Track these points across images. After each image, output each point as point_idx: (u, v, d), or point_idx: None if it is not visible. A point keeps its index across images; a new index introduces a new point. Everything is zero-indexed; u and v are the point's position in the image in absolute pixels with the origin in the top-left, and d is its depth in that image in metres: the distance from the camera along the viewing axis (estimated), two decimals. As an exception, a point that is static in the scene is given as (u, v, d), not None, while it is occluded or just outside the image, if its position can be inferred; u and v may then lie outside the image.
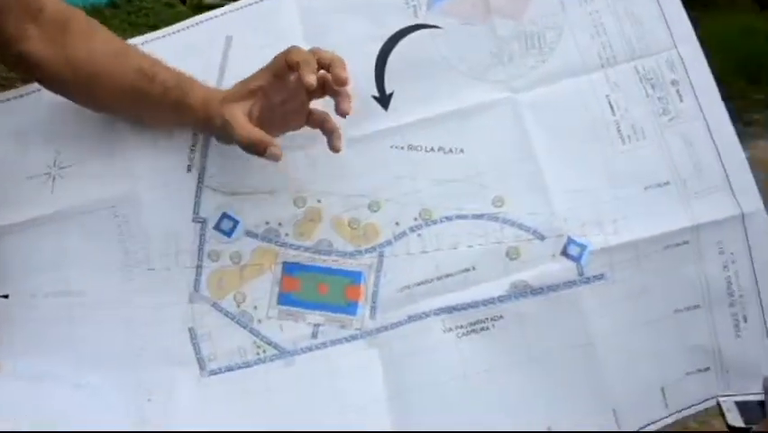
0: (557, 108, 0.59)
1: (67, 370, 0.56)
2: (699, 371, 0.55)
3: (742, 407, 0.54)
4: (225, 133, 0.54)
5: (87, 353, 0.57)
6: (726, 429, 0.55)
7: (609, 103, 0.58)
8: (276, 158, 0.52)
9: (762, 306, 0.55)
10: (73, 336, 0.57)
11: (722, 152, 0.56)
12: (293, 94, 0.55)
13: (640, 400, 0.55)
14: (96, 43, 0.57)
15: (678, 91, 0.58)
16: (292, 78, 0.53)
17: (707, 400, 0.55)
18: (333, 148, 0.56)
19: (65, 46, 0.56)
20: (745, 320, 0.55)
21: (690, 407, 0.55)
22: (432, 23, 0.61)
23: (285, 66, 0.53)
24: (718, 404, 0.55)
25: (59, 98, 0.60)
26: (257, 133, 0.53)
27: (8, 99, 0.63)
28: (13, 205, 0.59)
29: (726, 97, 0.58)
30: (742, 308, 0.55)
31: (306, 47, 0.60)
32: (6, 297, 0.57)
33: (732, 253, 0.55)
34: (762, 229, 0.55)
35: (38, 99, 0.62)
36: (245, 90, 0.55)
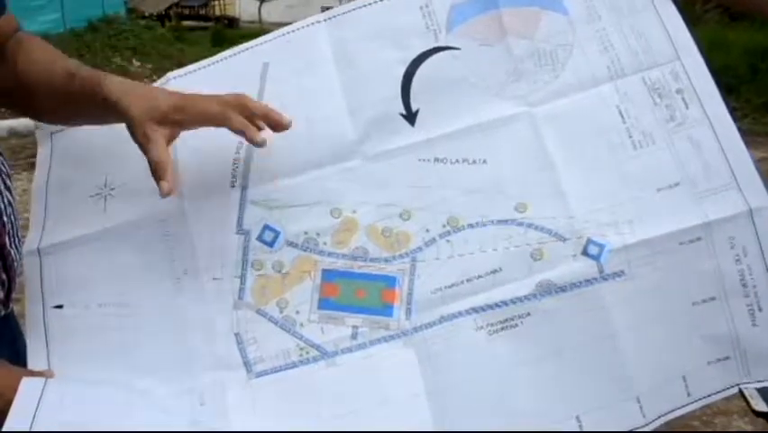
0: (571, 120, 0.63)
1: (121, 376, 0.60)
2: (720, 360, 0.58)
3: (764, 392, 0.56)
4: (134, 136, 0.57)
5: (140, 360, 0.61)
6: (734, 430, 0.57)
7: (620, 112, 0.63)
8: (164, 193, 0.55)
9: None
10: (126, 344, 0.61)
11: (728, 153, 0.60)
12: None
13: (663, 389, 0.57)
14: (35, 55, 0.64)
15: (683, 99, 0.62)
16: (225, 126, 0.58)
17: (729, 388, 0.58)
18: (256, 143, 0.58)
19: (16, 62, 0.64)
20: (760, 309, 0.58)
21: (711, 394, 0.58)
22: (451, 45, 0.66)
23: (221, 120, 0.58)
24: (741, 392, 0.58)
25: (87, 134, 0.67)
26: (165, 162, 0.55)
27: (62, 129, 0.69)
28: (70, 222, 0.64)
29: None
30: (756, 298, 0.58)
31: (336, 72, 0.66)
32: (61, 307, 0.61)
33: (743, 247, 0.58)
34: None
35: (84, 128, 0.68)
36: (178, 118, 0.58)
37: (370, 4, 0.67)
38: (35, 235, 0.64)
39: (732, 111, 0.60)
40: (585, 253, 0.59)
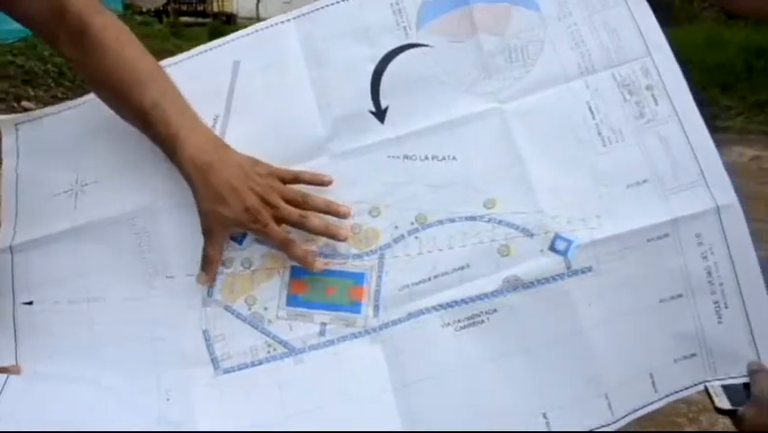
0: (541, 115, 0.63)
1: (90, 372, 0.60)
2: (686, 357, 0.58)
3: (728, 390, 0.56)
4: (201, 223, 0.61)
5: (109, 356, 0.61)
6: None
7: (590, 108, 0.63)
8: (200, 282, 0.62)
9: (741, 292, 0.57)
10: (95, 340, 0.61)
11: (696, 150, 0.60)
12: None
13: (630, 386, 0.57)
14: (104, 64, 0.61)
15: (653, 95, 0.62)
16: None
17: (695, 385, 0.58)
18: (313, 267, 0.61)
19: (83, 53, 0.61)
20: (726, 307, 0.58)
21: (678, 391, 0.58)
22: (422, 42, 0.66)
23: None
24: (706, 388, 0.58)
25: (79, 119, 0.66)
26: (216, 262, 0.61)
27: (28, 120, 0.69)
28: (40, 220, 0.64)
29: (700, 105, 0.62)
30: (722, 295, 0.58)
31: (306, 69, 0.66)
32: (31, 303, 0.61)
33: (710, 244, 0.58)
34: (736, 220, 0.58)
35: (59, 120, 0.68)
36: (241, 228, 0.61)
37: (339, 1, 0.67)
38: (7, 232, 0.64)
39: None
40: (552, 248, 0.59)
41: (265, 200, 0.60)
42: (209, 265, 0.61)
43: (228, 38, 0.68)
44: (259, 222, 0.59)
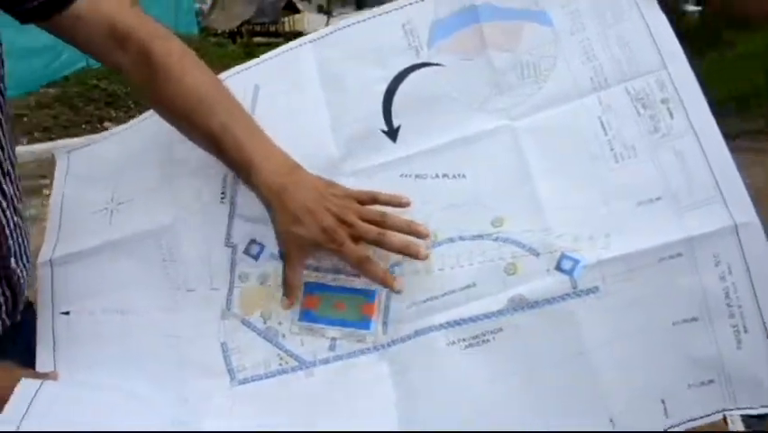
0: (553, 132, 0.62)
1: (117, 380, 0.64)
2: (703, 384, 0.55)
3: (745, 418, 0.53)
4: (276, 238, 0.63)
5: (136, 365, 0.65)
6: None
7: (602, 124, 0.61)
8: (283, 307, 0.63)
9: (762, 316, 0.54)
10: (126, 351, 0.65)
11: (713, 165, 0.57)
12: None
13: (639, 411, 0.55)
14: (167, 89, 0.62)
15: (668, 109, 0.60)
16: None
17: (712, 413, 0.55)
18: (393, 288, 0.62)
19: (147, 79, 0.63)
20: (746, 331, 0.54)
21: (693, 419, 0.55)
22: (433, 62, 0.67)
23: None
24: (724, 418, 0.55)
25: (118, 145, 0.71)
26: (297, 287, 0.63)
27: (74, 149, 0.75)
28: (80, 235, 0.70)
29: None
30: (742, 318, 0.55)
31: (321, 92, 0.68)
32: (68, 313, 0.67)
33: (728, 264, 0.55)
34: (756, 239, 0.55)
35: (102, 147, 0.74)
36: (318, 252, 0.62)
37: (354, 24, 0.69)
38: (48, 248, 0.70)
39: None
40: (558, 268, 0.58)
41: (341, 219, 0.60)
42: (290, 289, 0.62)
43: (251, 62, 0.72)
44: (335, 241, 0.60)
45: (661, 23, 0.62)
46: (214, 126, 0.61)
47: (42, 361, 0.65)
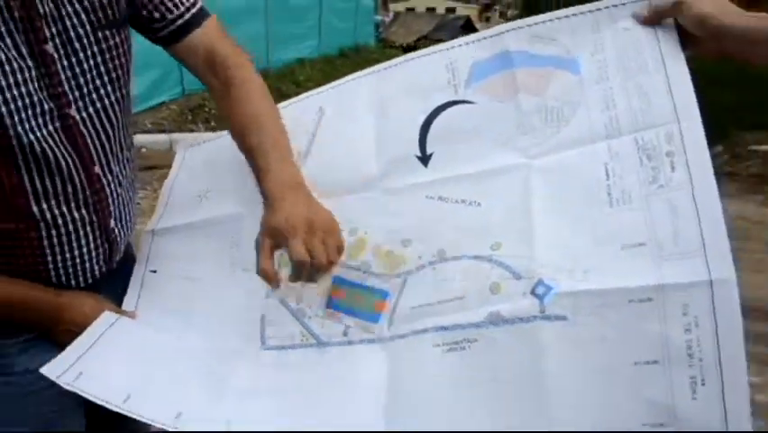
0: (560, 173, 0.68)
1: (178, 330, 0.80)
2: (654, 425, 0.57)
3: None
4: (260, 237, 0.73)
5: (194, 321, 0.81)
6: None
7: (606, 170, 0.65)
8: (271, 286, 0.73)
9: (721, 373, 0.54)
10: (187, 309, 0.82)
11: (703, 221, 0.59)
12: None
13: None
14: (235, 112, 0.79)
15: (672, 162, 0.62)
16: None
17: None
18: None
19: (227, 103, 0.79)
20: (703, 384, 0.55)
21: None
22: (468, 99, 0.75)
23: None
24: None
25: (216, 147, 0.90)
26: (269, 271, 0.72)
27: (198, 144, 0.95)
28: (176, 214, 0.89)
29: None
30: (701, 371, 0.55)
31: (373, 119, 0.80)
32: (155, 272, 0.86)
33: (696, 317, 0.56)
34: (729, 297, 0.55)
35: (211, 146, 0.93)
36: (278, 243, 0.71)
37: (409, 60, 0.80)
38: (154, 220, 0.90)
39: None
40: (533, 292, 0.63)
41: (308, 225, 0.71)
42: (265, 276, 0.72)
43: (321, 88, 0.86)
44: (290, 232, 0.70)
45: (682, 78, 0.64)
46: (252, 142, 0.76)
47: (128, 302, 0.85)
